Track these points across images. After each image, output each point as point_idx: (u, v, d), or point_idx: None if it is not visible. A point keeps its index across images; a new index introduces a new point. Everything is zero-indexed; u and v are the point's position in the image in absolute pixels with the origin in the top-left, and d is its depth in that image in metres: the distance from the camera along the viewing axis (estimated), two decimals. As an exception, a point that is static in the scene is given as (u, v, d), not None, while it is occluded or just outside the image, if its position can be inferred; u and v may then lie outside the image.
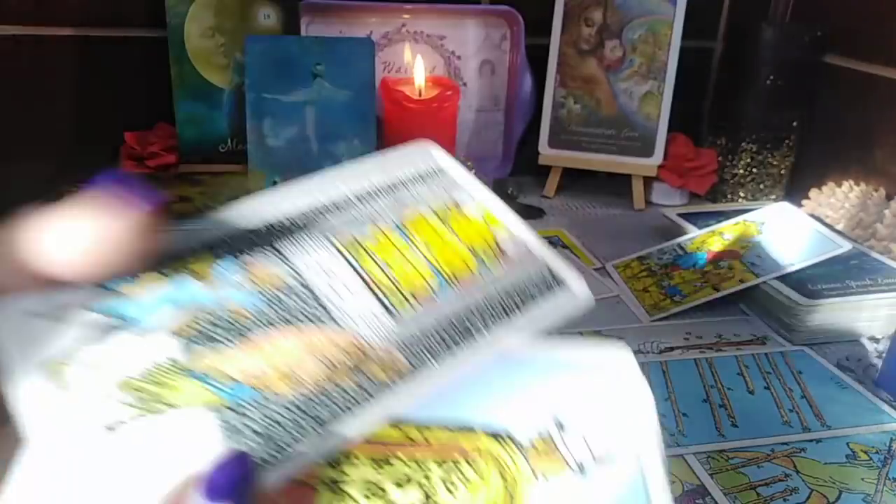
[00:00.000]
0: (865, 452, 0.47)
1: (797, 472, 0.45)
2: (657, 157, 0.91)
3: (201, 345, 0.28)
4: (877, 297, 0.62)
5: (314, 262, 0.31)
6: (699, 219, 0.80)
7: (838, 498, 0.43)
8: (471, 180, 0.38)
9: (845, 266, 0.67)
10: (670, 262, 0.72)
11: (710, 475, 0.44)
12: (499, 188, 0.93)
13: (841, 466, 0.46)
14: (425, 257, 0.33)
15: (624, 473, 0.30)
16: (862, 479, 0.45)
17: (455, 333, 0.31)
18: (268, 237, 0.32)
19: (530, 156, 0.95)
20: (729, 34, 1.00)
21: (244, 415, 0.26)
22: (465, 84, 0.96)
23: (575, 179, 0.97)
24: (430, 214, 0.35)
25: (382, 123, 0.87)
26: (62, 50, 0.85)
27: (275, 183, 0.76)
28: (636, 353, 0.58)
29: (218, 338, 0.28)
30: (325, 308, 0.30)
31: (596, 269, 0.74)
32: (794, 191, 0.93)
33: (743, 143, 0.91)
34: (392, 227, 0.34)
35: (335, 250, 0.32)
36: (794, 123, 0.91)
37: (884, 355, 0.57)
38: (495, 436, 0.30)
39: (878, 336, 0.62)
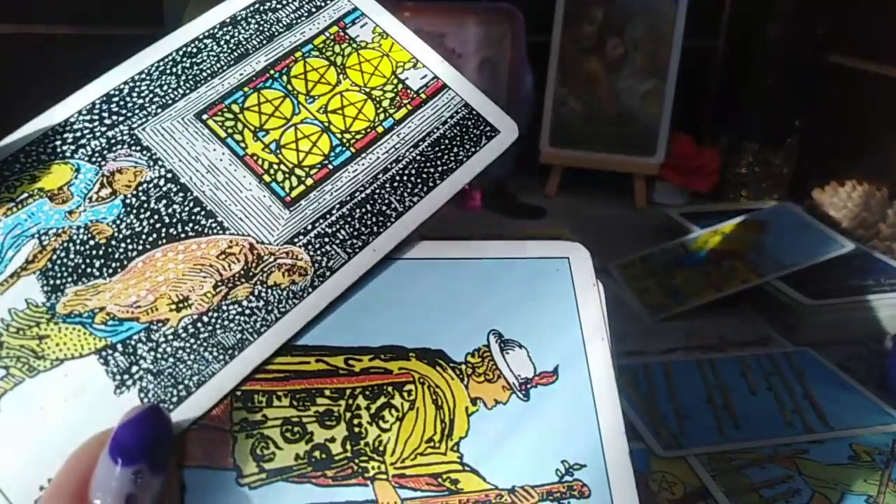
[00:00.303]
0: (868, 454, 0.47)
1: (799, 473, 0.45)
2: (659, 156, 0.91)
3: (66, 280, 0.24)
4: (879, 297, 0.62)
5: (185, 153, 0.26)
6: (701, 218, 0.79)
7: (841, 499, 0.43)
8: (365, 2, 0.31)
9: (848, 266, 0.66)
10: (672, 261, 0.72)
11: (712, 476, 0.44)
12: (499, 187, 0.93)
13: (843, 468, 0.45)
14: (314, 116, 0.28)
15: (569, 391, 0.26)
16: (864, 481, 0.44)
17: (362, 212, 0.26)
18: (127, 126, 0.27)
19: (531, 155, 0.94)
20: (731, 33, 0.99)
21: (132, 353, 0.23)
22: (465, 82, 0.96)
23: (576, 178, 0.97)
24: (314, 55, 0.29)
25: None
26: (58, 48, 0.85)
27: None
28: (637, 353, 0.58)
29: (84, 267, 0.24)
30: (204, 210, 0.25)
31: (597, 269, 0.74)
32: (797, 190, 0.92)
33: (745, 142, 0.91)
34: (271, 84, 0.28)
35: (209, 132, 0.27)
36: (797, 122, 0.91)
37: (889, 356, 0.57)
38: (428, 357, 0.26)
39: (881, 336, 0.62)
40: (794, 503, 0.42)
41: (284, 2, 0.30)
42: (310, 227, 0.26)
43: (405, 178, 0.27)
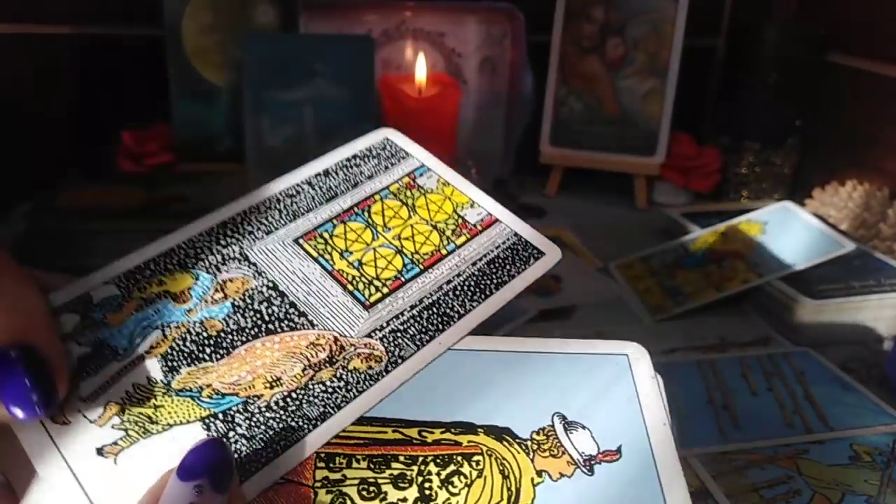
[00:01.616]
0: (868, 454, 0.47)
1: (800, 473, 0.45)
2: (660, 156, 0.91)
3: (182, 362, 0.28)
4: (880, 298, 0.62)
5: (284, 268, 0.32)
6: (702, 218, 0.79)
7: (841, 500, 0.43)
8: (428, 157, 0.38)
9: (848, 266, 0.66)
10: (673, 262, 0.72)
11: (713, 477, 0.44)
12: (499, 187, 0.93)
13: (844, 468, 0.45)
14: (390, 242, 0.33)
15: (634, 468, 0.28)
16: (865, 481, 0.44)
17: (430, 314, 0.31)
18: (238, 247, 0.33)
19: (531, 154, 0.94)
20: (731, 32, 0.99)
21: (231, 421, 0.27)
22: (465, 82, 0.96)
23: (576, 178, 0.97)
24: (390, 198, 0.35)
25: (382, 121, 0.87)
26: (59, 48, 0.85)
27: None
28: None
29: (197, 353, 0.29)
30: (298, 311, 0.30)
31: (598, 270, 0.74)
32: (798, 190, 0.92)
33: (746, 142, 0.91)
34: (355, 218, 0.34)
35: (303, 252, 0.33)
36: (798, 122, 0.91)
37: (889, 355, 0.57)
38: (496, 433, 0.29)
39: (882, 336, 0.62)
40: (795, 503, 0.42)
41: (367, 159, 0.37)
42: (385, 324, 0.30)
43: (466, 288, 0.32)
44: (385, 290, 0.31)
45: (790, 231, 0.72)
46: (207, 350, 0.29)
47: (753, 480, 0.44)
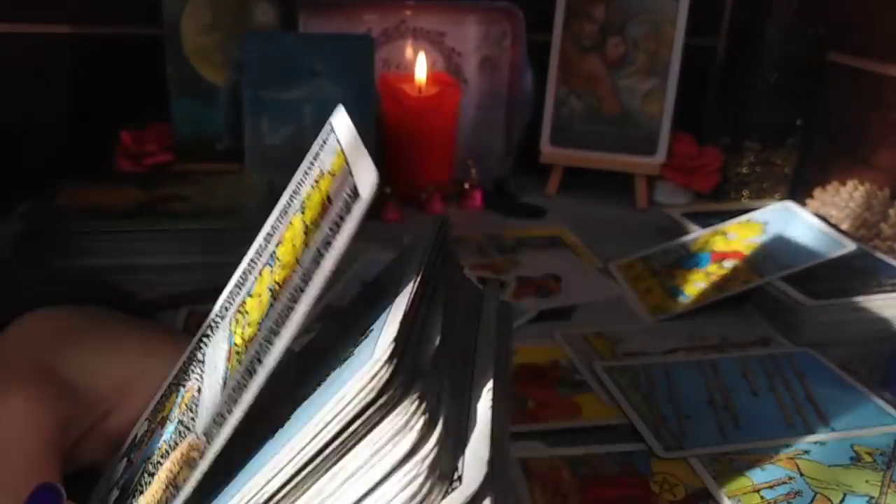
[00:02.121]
0: (869, 454, 0.47)
1: (801, 474, 0.45)
2: (660, 156, 0.91)
3: (136, 490, 0.28)
4: (881, 298, 0.62)
5: (214, 365, 0.27)
6: (703, 218, 0.79)
7: (842, 500, 0.43)
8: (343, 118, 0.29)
9: (849, 266, 0.66)
10: (673, 262, 0.72)
11: (714, 478, 0.44)
12: (499, 186, 0.93)
13: (845, 468, 0.45)
14: (273, 280, 0.26)
15: None
16: (866, 482, 0.44)
17: (253, 348, 0.24)
18: (203, 347, 0.29)
19: (531, 154, 0.94)
20: (732, 32, 0.99)
21: None
22: (465, 81, 0.96)
23: (576, 178, 0.96)
24: (296, 213, 0.27)
25: (382, 121, 0.87)
26: (58, 48, 0.85)
27: (271, 183, 0.76)
28: (638, 354, 0.58)
29: (140, 483, 0.28)
30: (194, 414, 0.26)
31: (598, 270, 0.74)
32: (798, 190, 0.92)
33: (746, 142, 0.91)
34: (269, 261, 0.27)
35: (228, 334, 0.28)
36: (798, 122, 0.90)
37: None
38: None
39: (883, 337, 0.62)
40: (796, 504, 0.42)
41: (306, 171, 0.29)
42: (222, 405, 0.25)
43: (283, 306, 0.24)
44: (243, 356, 0.25)
45: (791, 231, 0.71)
46: (146, 476, 0.27)
47: (754, 481, 0.44)
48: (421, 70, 0.88)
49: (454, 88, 0.86)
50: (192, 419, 0.26)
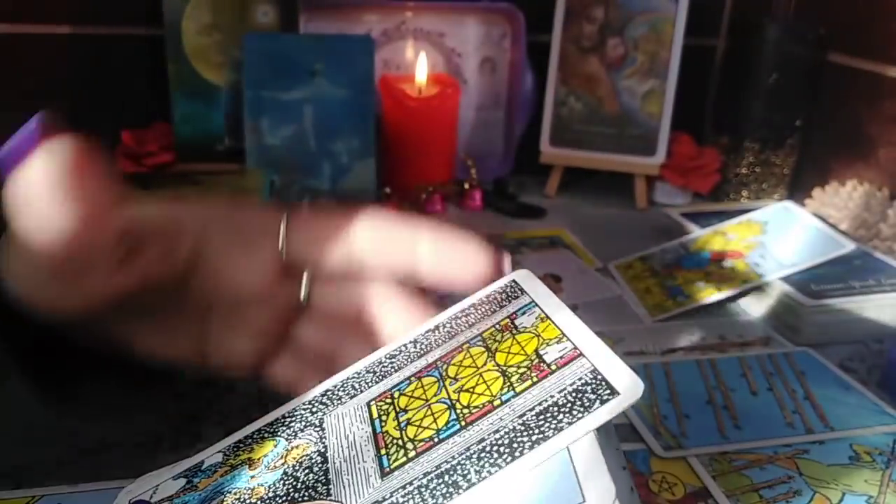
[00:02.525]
0: (869, 454, 0.47)
1: (800, 473, 0.45)
2: (660, 156, 0.91)
3: None
4: (880, 298, 0.62)
5: (343, 433, 0.29)
6: (702, 218, 0.79)
7: (841, 500, 0.43)
8: (545, 295, 0.31)
9: (849, 266, 0.66)
10: (673, 262, 0.72)
11: (713, 477, 0.44)
12: (499, 187, 0.93)
13: (844, 468, 0.45)
14: (447, 396, 0.28)
15: None
16: (865, 481, 0.44)
17: (437, 483, 0.25)
18: (320, 412, 0.31)
19: (531, 154, 0.94)
20: (731, 32, 0.99)
21: None
22: (465, 82, 0.96)
23: (576, 178, 0.97)
24: (477, 345, 0.30)
25: (382, 121, 0.87)
26: (58, 48, 0.85)
27: (272, 182, 0.76)
28: (638, 353, 0.58)
29: None
30: (325, 479, 0.28)
31: (597, 269, 0.74)
32: (798, 190, 0.92)
33: (746, 142, 0.91)
34: (432, 373, 0.30)
35: (366, 415, 0.29)
36: (798, 122, 0.91)
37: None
38: None
39: (882, 336, 0.62)
40: (795, 503, 0.42)
41: (479, 307, 0.32)
42: (388, 495, 0.25)
43: (495, 447, 0.25)
44: (412, 453, 0.26)
45: (790, 231, 0.72)
46: None
47: (754, 480, 0.44)
48: (421, 71, 0.88)
49: (454, 89, 0.87)
50: (318, 482, 0.27)
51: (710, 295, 0.66)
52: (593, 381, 0.26)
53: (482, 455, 0.25)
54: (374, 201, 0.83)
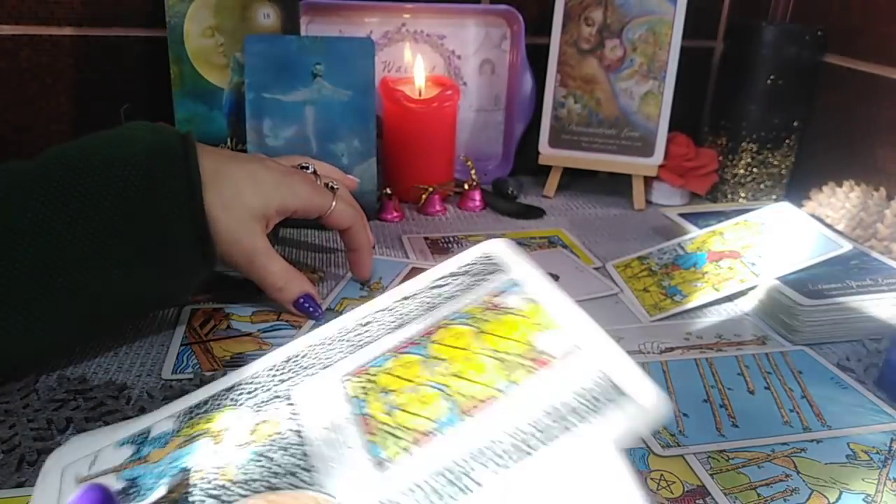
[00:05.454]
0: (866, 452, 0.47)
1: (798, 472, 0.45)
2: (657, 157, 0.91)
3: None
4: (877, 297, 0.62)
5: (318, 410, 0.28)
6: (699, 219, 0.80)
7: (839, 498, 0.43)
8: (528, 271, 0.31)
9: (846, 266, 0.66)
10: (670, 261, 0.72)
11: (711, 475, 0.44)
12: (499, 188, 0.93)
13: (841, 466, 0.46)
14: (436, 381, 0.27)
15: None
16: (862, 480, 0.44)
17: (442, 483, 0.24)
18: (286, 383, 0.30)
19: (530, 155, 0.95)
20: (729, 34, 0.99)
21: None
22: (465, 83, 0.96)
23: (575, 179, 0.97)
24: (458, 322, 0.29)
25: (382, 123, 0.87)
26: (61, 50, 0.85)
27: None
28: (636, 353, 0.58)
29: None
30: (308, 464, 0.26)
31: (596, 269, 0.74)
32: (795, 191, 0.93)
33: (743, 143, 0.91)
34: (414, 350, 0.29)
35: (344, 392, 0.28)
36: (795, 123, 0.91)
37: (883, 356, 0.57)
38: None
39: (879, 336, 0.62)
40: (793, 502, 0.43)
41: (453, 279, 0.31)
42: (393, 496, 0.25)
43: (503, 448, 0.24)
44: (411, 446, 0.26)
45: (788, 231, 0.72)
46: (209, 502, 0.26)
47: (751, 478, 0.44)
48: (419, 74, 0.88)
49: (454, 91, 0.87)
50: (297, 466, 0.26)
51: (708, 295, 0.66)
52: (602, 382, 0.25)
53: (490, 456, 0.24)
54: (375, 202, 0.84)
